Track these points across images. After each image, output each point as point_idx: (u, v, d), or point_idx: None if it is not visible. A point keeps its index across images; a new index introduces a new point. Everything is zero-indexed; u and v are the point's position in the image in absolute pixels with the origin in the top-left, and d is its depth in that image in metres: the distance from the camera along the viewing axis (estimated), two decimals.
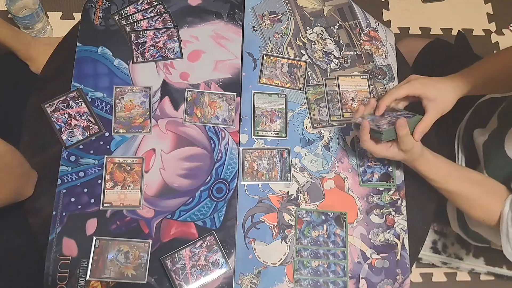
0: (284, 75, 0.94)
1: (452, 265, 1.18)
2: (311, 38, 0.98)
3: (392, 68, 0.97)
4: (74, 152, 0.85)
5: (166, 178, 0.85)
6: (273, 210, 0.86)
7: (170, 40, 0.94)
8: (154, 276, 0.79)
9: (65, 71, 0.91)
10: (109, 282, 0.78)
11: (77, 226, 0.81)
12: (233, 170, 0.87)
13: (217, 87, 0.92)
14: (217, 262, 0.80)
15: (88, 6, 0.96)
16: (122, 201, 0.83)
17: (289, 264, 0.83)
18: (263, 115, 0.91)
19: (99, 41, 0.93)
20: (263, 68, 0.94)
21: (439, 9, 1.79)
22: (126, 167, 0.85)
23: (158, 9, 0.96)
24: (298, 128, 0.91)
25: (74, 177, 0.84)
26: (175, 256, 0.80)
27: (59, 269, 0.79)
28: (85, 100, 0.88)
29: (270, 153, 0.89)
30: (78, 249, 0.80)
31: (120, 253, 0.80)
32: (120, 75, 0.91)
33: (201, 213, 0.84)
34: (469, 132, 0.99)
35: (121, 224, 0.82)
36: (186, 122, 0.89)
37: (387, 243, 0.86)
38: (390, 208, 0.88)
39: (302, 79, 0.94)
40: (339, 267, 0.83)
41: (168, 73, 0.92)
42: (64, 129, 0.86)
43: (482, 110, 0.98)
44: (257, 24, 0.98)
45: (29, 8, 1.34)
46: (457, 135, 1.04)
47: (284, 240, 0.84)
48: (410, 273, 0.85)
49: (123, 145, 0.86)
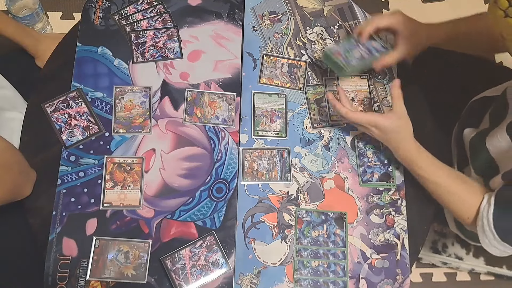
0: (284, 75, 0.94)
1: (452, 265, 1.18)
2: (311, 38, 0.98)
3: (392, 68, 0.97)
4: (74, 152, 0.85)
5: (166, 178, 0.85)
6: (273, 210, 0.86)
7: (170, 40, 0.94)
8: (154, 276, 0.79)
9: (65, 71, 0.91)
10: (109, 282, 0.78)
11: (77, 226, 0.81)
12: (233, 170, 0.87)
13: (217, 87, 0.92)
14: (217, 262, 0.80)
15: (88, 6, 0.96)
16: (122, 201, 0.83)
17: (289, 264, 0.83)
18: (263, 115, 0.91)
19: (99, 41, 0.93)
20: (263, 68, 0.94)
21: (439, 9, 1.79)
22: (126, 167, 0.85)
23: (158, 9, 0.96)
24: (298, 128, 0.91)
25: (74, 177, 0.84)
26: (175, 256, 0.80)
27: (59, 269, 0.79)
28: (85, 100, 0.88)
29: (270, 153, 0.89)
30: (78, 249, 0.80)
31: (120, 253, 0.80)
32: (120, 75, 0.91)
33: (201, 213, 0.84)
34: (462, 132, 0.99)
35: (121, 224, 0.82)
36: (186, 122, 0.89)
37: (387, 243, 0.86)
38: (390, 208, 0.88)
39: (302, 79, 0.94)
40: (339, 267, 0.83)
41: (168, 73, 0.92)
42: (64, 129, 0.86)
43: (475, 110, 0.98)
44: (257, 24, 0.98)
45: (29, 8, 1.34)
46: (453, 136, 1.04)
47: (284, 240, 0.84)
48: (410, 273, 0.85)
49: (123, 145, 0.86)
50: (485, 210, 0.74)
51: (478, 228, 0.76)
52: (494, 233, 0.73)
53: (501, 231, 0.73)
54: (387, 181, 0.89)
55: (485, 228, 0.75)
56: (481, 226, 0.75)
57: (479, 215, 0.76)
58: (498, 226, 0.73)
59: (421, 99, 0.96)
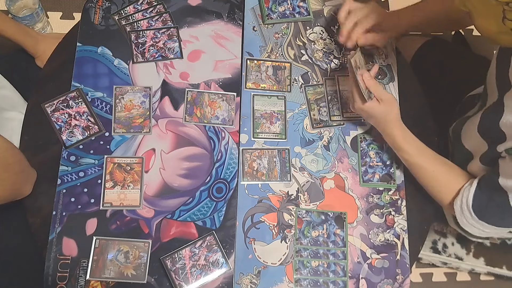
0: (269, 78, 0.94)
1: (452, 265, 1.18)
2: (311, 38, 0.98)
3: (392, 68, 0.97)
4: (74, 152, 0.85)
5: (166, 178, 0.85)
6: (273, 210, 0.86)
7: (170, 40, 0.94)
8: (154, 276, 0.79)
9: (65, 71, 0.91)
10: (109, 282, 0.78)
11: (77, 226, 0.81)
12: (233, 170, 0.87)
13: (217, 87, 0.92)
14: (217, 262, 0.80)
15: (88, 6, 0.96)
16: (122, 201, 0.83)
17: (289, 264, 0.83)
18: (263, 117, 0.91)
19: (99, 41, 0.93)
20: (248, 73, 0.94)
21: None
22: (126, 167, 0.85)
23: (158, 9, 0.96)
24: (298, 128, 0.91)
25: (74, 177, 0.84)
26: (175, 256, 0.80)
27: (59, 269, 0.79)
28: (85, 100, 0.88)
29: (270, 153, 0.89)
30: (78, 249, 0.80)
31: (120, 253, 0.80)
32: (120, 75, 0.91)
33: (201, 213, 0.84)
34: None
35: (121, 224, 0.82)
36: (186, 122, 0.89)
37: (387, 243, 0.86)
38: (390, 208, 0.88)
39: (288, 80, 0.94)
40: (339, 267, 0.83)
41: (168, 73, 0.92)
42: (64, 129, 0.86)
43: (469, 104, 0.98)
44: (257, 24, 0.98)
45: (29, 8, 1.34)
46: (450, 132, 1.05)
47: (284, 240, 0.84)
48: (410, 273, 0.85)
49: (123, 145, 0.86)
50: (466, 191, 0.77)
51: (456, 208, 0.78)
52: (471, 212, 0.76)
53: (478, 211, 0.75)
54: (388, 181, 0.89)
55: (463, 207, 0.77)
56: (459, 205, 0.78)
57: (459, 195, 0.78)
58: (476, 205, 0.75)
59: (421, 96, 0.97)
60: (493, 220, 0.75)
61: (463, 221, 0.79)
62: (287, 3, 0.99)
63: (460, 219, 0.79)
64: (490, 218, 0.75)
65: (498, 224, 0.75)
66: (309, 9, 0.99)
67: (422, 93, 0.97)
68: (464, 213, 0.77)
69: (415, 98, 0.97)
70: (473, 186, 0.76)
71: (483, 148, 0.79)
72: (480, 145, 0.80)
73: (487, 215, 0.75)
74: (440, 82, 1.08)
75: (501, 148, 0.73)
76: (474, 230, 0.79)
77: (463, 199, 0.77)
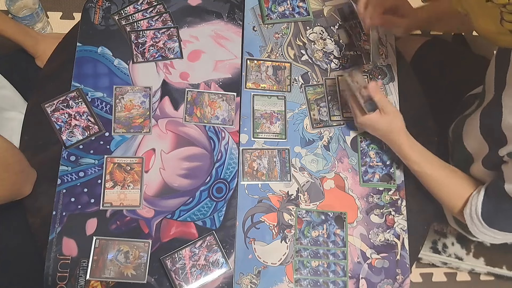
0: (269, 78, 0.94)
1: (452, 265, 1.18)
2: (311, 38, 0.98)
3: (392, 68, 0.97)
4: (74, 152, 0.85)
5: (166, 178, 0.85)
6: (273, 210, 0.86)
7: (170, 40, 0.94)
8: (154, 276, 0.79)
9: (65, 71, 0.91)
10: (109, 282, 0.78)
11: (77, 226, 0.81)
12: (233, 170, 0.87)
13: (217, 87, 0.92)
14: (217, 262, 0.80)
15: (88, 6, 0.96)
16: (122, 201, 0.83)
17: (289, 264, 0.83)
18: (263, 117, 0.91)
19: (99, 41, 0.93)
20: (248, 73, 0.94)
21: None
22: (126, 167, 0.85)
23: (158, 9, 0.96)
24: (298, 128, 0.91)
25: (74, 177, 0.84)
26: (175, 256, 0.80)
27: (59, 269, 0.79)
28: (85, 100, 0.88)
29: (270, 153, 0.89)
30: (78, 249, 0.80)
31: (120, 253, 0.80)
32: (120, 75, 0.91)
33: (201, 213, 0.84)
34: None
35: (121, 224, 0.82)
36: (186, 122, 0.89)
37: (387, 243, 0.86)
38: (390, 208, 0.88)
39: (288, 80, 0.94)
40: (339, 267, 0.83)
41: (168, 73, 0.92)
42: (64, 129, 0.86)
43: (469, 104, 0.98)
44: (257, 24, 0.98)
45: (29, 8, 1.34)
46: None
47: (284, 240, 0.84)
48: (410, 273, 0.85)
49: (123, 145, 0.86)
50: (474, 199, 0.77)
51: (466, 217, 0.78)
52: (481, 220, 0.75)
53: (487, 219, 0.75)
54: (388, 181, 0.89)
55: (472, 216, 0.77)
56: (469, 214, 0.77)
57: (467, 204, 0.78)
58: (485, 213, 0.75)
59: (421, 96, 0.97)
60: (503, 226, 0.75)
61: (474, 230, 0.78)
62: (287, 3, 0.99)
63: (471, 228, 0.78)
64: (500, 224, 0.75)
65: (509, 229, 0.75)
66: (309, 9, 0.99)
67: (422, 93, 0.97)
68: (474, 221, 0.77)
69: (415, 98, 0.97)
70: (480, 194, 0.76)
71: (484, 151, 0.79)
72: (481, 147, 0.80)
73: (497, 222, 0.75)
74: (440, 82, 1.08)
75: (502, 152, 0.72)
76: (486, 238, 0.79)
77: (472, 208, 0.77)
